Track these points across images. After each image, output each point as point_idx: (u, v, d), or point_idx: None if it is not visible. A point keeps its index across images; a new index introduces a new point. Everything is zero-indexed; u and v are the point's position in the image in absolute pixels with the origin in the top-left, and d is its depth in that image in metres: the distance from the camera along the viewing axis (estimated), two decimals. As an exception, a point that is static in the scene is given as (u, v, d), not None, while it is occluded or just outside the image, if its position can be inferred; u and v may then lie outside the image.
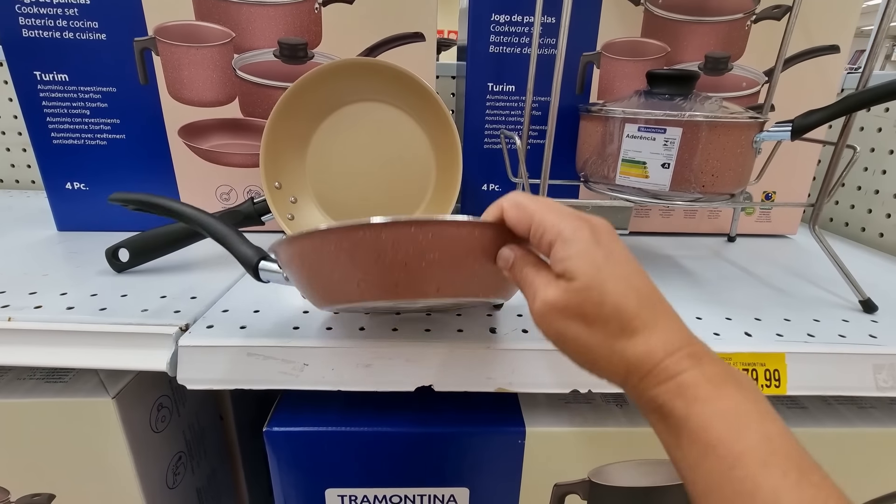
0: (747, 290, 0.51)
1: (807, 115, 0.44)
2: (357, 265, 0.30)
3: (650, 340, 0.25)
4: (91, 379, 0.46)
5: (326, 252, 0.30)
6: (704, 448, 0.23)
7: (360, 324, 0.41)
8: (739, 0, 0.59)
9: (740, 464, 0.22)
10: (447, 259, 0.29)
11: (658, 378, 0.25)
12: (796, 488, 0.21)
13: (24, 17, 0.53)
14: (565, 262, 0.26)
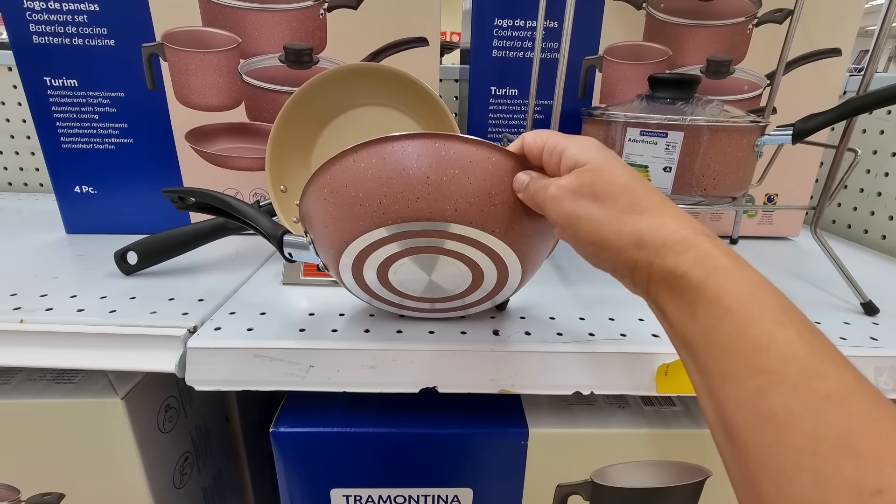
0: (749, 293, 0.51)
1: (808, 119, 0.44)
2: (381, 179, 0.31)
3: (662, 216, 0.26)
4: (100, 380, 0.46)
5: (352, 170, 0.32)
6: (721, 313, 0.23)
7: (364, 326, 0.42)
8: (741, 4, 0.60)
9: (757, 322, 0.22)
10: (466, 177, 0.31)
11: (674, 249, 0.25)
12: (809, 345, 0.21)
13: (34, 23, 0.54)
14: (576, 156, 0.28)
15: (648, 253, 0.26)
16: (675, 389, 0.39)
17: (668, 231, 0.25)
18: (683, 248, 0.25)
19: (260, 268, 0.55)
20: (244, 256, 0.58)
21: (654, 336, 0.42)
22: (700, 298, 0.24)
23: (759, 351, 0.21)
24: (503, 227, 0.33)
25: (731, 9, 0.60)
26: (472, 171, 0.31)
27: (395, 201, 0.31)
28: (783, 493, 0.19)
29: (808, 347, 0.21)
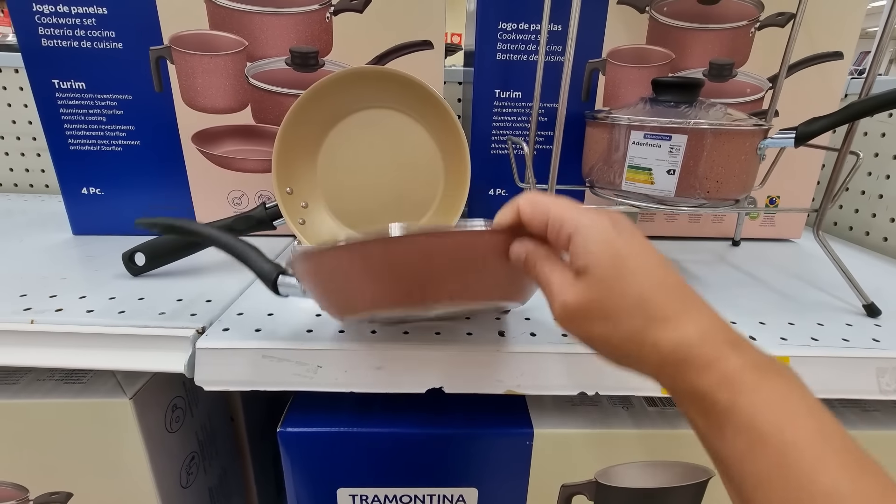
0: (752, 295, 0.52)
1: (810, 122, 0.45)
2: (371, 277, 0.31)
3: (681, 328, 0.23)
4: (108, 380, 0.47)
5: (341, 265, 0.31)
6: (753, 440, 0.21)
7: (371, 327, 0.42)
8: (743, 7, 0.60)
9: (794, 456, 0.20)
10: (459, 268, 0.30)
11: (695, 366, 0.23)
12: (854, 480, 0.19)
13: (43, 26, 0.54)
14: (585, 256, 0.25)
15: (670, 369, 0.24)
16: (679, 390, 0.40)
17: (689, 345, 0.23)
18: (706, 366, 0.23)
19: (266, 269, 0.55)
20: (250, 258, 0.58)
21: (658, 337, 0.42)
22: (728, 421, 0.22)
23: (801, 491, 0.20)
24: (504, 292, 0.33)
25: (733, 12, 0.60)
26: (464, 260, 0.30)
27: (387, 296, 0.31)
28: None
29: (852, 484, 0.19)
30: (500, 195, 0.66)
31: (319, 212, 0.58)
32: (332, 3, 0.56)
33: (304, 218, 0.57)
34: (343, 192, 0.58)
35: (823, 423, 0.21)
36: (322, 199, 0.58)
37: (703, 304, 0.25)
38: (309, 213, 0.57)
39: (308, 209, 0.57)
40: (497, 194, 0.66)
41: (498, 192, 0.66)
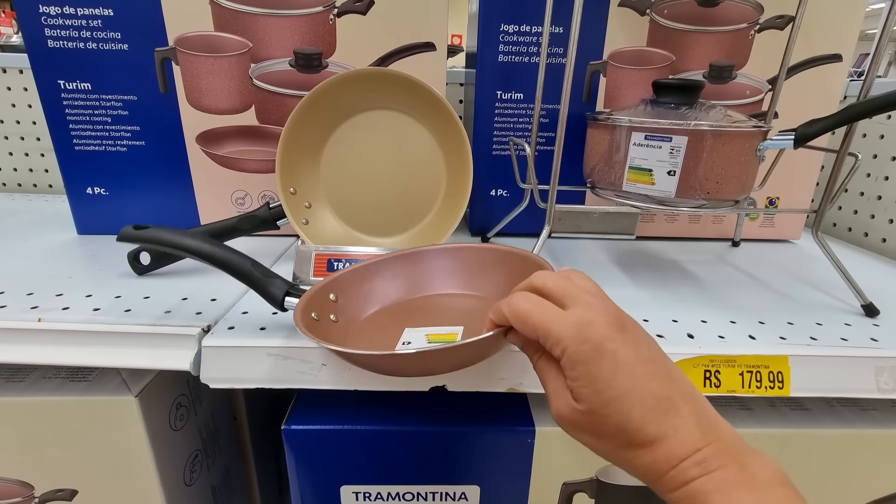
0: (751, 295, 0.52)
1: (809, 124, 0.45)
2: (380, 370, 0.37)
3: (655, 453, 0.25)
4: (114, 378, 0.47)
5: (352, 359, 0.36)
6: None
7: (375, 326, 0.43)
8: (743, 10, 0.60)
9: None
10: (462, 361, 0.36)
11: (667, 486, 0.25)
12: None
13: (49, 28, 0.55)
14: (573, 380, 0.27)
15: (649, 482, 0.26)
16: (680, 389, 0.40)
17: (661, 470, 0.25)
18: (674, 486, 0.25)
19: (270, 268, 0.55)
20: (254, 257, 0.58)
21: (658, 336, 0.43)
22: None
23: None
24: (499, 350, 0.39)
25: (733, 15, 0.61)
26: (466, 357, 0.35)
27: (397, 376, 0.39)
28: None
29: None
30: (501, 195, 0.67)
31: (322, 212, 0.58)
32: (336, 5, 0.56)
33: (307, 218, 0.57)
34: (346, 193, 0.58)
35: None
36: (325, 199, 0.58)
37: (687, 414, 0.26)
38: (312, 212, 0.58)
39: (311, 209, 0.58)
40: (499, 195, 0.67)
41: (500, 192, 0.67)
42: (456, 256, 0.47)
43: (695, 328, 0.44)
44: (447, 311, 0.44)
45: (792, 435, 0.45)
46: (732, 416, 0.46)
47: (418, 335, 0.40)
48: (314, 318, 0.39)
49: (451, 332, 0.40)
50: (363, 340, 0.41)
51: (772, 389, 0.41)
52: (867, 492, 0.48)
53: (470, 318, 0.42)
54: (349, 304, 0.43)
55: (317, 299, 0.40)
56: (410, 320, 0.42)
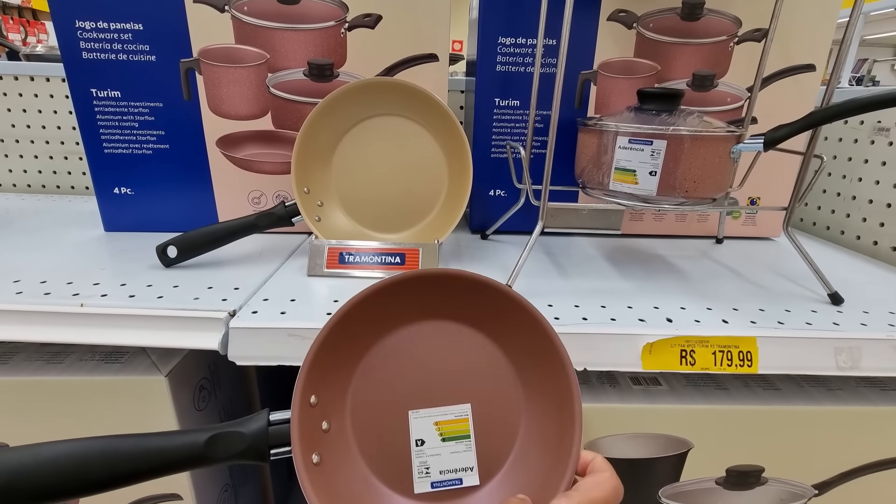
0: (729, 286, 0.57)
1: (777, 129, 0.50)
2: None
3: None
4: (144, 361, 0.52)
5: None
6: None
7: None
8: (723, 24, 0.65)
9: None
10: None
11: None
12: None
13: (84, 41, 0.60)
14: None
15: None
16: (658, 366, 0.45)
17: None
18: None
19: (285, 262, 0.60)
20: (269, 252, 0.63)
21: (640, 321, 0.47)
22: None
23: None
24: None
25: (714, 28, 0.65)
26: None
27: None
28: None
29: None
30: (499, 195, 0.72)
31: (334, 209, 0.63)
32: (347, 20, 0.61)
33: (319, 215, 0.62)
34: (355, 192, 0.63)
35: None
36: (336, 197, 0.63)
37: None
38: (324, 210, 0.62)
39: (323, 207, 0.62)
40: (497, 195, 0.72)
41: (498, 192, 0.71)
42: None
43: (674, 314, 0.49)
44: (444, 380, 0.38)
45: (764, 411, 0.49)
46: (709, 395, 0.50)
47: (427, 427, 0.37)
48: (316, 463, 0.34)
49: (462, 418, 0.37)
50: (372, 445, 0.36)
51: (741, 367, 0.45)
52: (834, 465, 0.52)
53: (469, 384, 0.38)
54: (334, 402, 0.37)
55: (308, 434, 0.34)
56: (408, 400, 0.37)
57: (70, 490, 0.28)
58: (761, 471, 0.52)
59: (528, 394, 0.37)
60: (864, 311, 0.51)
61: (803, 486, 0.53)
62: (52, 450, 0.28)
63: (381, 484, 0.36)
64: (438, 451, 0.36)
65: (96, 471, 0.29)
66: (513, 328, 0.37)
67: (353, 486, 0.35)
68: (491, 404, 0.37)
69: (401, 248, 0.57)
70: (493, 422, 0.37)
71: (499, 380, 0.37)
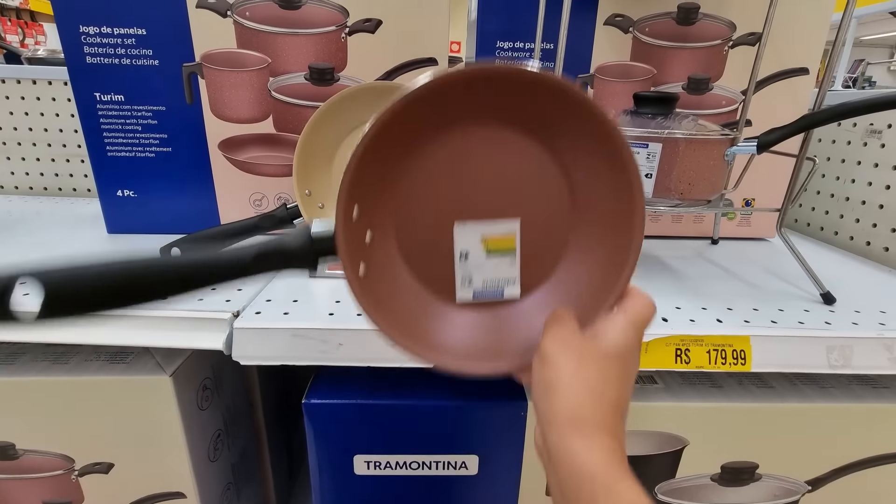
0: (724, 285, 0.58)
1: (769, 132, 0.51)
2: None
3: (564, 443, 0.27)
4: (149, 361, 0.52)
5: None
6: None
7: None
8: (718, 28, 0.66)
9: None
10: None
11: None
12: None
13: (88, 45, 0.61)
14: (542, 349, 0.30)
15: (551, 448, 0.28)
16: (654, 364, 0.46)
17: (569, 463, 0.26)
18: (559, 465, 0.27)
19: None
20: (271, 254, 0.64)
21: (636, 320, 0.48)
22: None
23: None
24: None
25: (709, 33, 0.67)
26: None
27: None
28: None
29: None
30: (498, 197, 0.72)
31: (333, 212, 0.64)
32: (347, 25, 0.62)
33: (320, 217, 0.63)
34: (356, 194, 0.64)
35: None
36: (336, 200, 0.64)
37: (599, 440, 0.26)
38: (325, 213, 0.63)
39: (324, 209, 0.63)
40: (495, 197, 0.72)
41: (496, 194, 0.72)
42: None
43: (669, 313, 0.50)
44: (493, 192, 0.35)
45: (758, 409, 0.50)
46: (704, 393, 0.51)
47: (473, 240, 0.35)
48: (363, 274, 0.33)
49: (509, 233, 0.35)
50: (415, 255, 0.35)
51: (735, 365, 0.46)
52: (826, 462, 0.53)
53: (519, 198, 0.35)
54: (377, 213, 0.34)
55: (354, 247, 0.32)
56: (454, 211, 0.35)
57: (125, 297, 0.30)
58: (755, 467, 0.53)
59: (582, 212, 0.34)
60: (855, 311, 0.52)
61: (797, 483, 0.54)
62: (109, 264, 0.29)
63: (425, 292, 0.36)
64: (482, 264, 0.35)
65: (150, 280, 0.31)
66: (573, 135, 0.32)
67: (398, 295, 0.35)
68: (539, 220, 0.35)
69: (401, 250, 0.58)
70: (540, 238, 0.35)
71: (551, 195, 0.34)
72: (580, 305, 0.33)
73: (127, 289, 0.30)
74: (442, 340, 0.35)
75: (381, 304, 0.33)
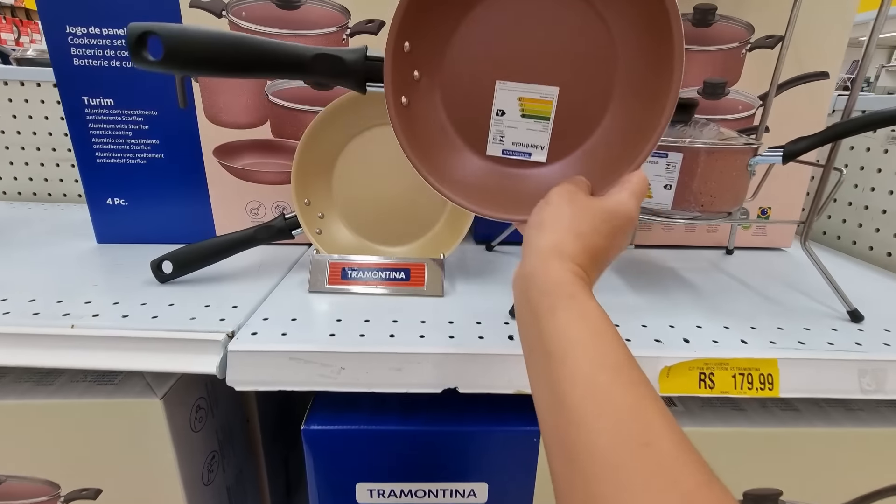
0: (744, 301, 0.55)
1: (796, 141, 0.48)
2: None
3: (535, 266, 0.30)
4: (138, 382, 0.49)
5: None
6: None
7: (389, 331, 0.45)
8: (735, 30, 0.64)
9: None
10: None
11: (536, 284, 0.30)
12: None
13: (75, 47, 0.57)
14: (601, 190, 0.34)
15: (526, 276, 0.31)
16: (677, 390, 0.43)
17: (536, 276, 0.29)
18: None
19: (285, 276, 0.58)
20: (268, 265, 0.61)
21: (656, 341, 0.45)
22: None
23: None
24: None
25: (726, 35, 0.64)
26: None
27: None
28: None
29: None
30: (505, 206, 0.70)
31: (335, 221, 0.61)
32: (349, 25, 0.59)
33: (320, 228, 0.60)
34: (357, 204, 0.61)
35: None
36: (337, 209, 0.61)
37: (574, 266, 0.29)
38: (325, 223, 0.60)
39: (324, 220, 0.60)
40: (502, 205, 0.70)
41: (503, 203, 0.69)
42: None
43: (690, 333, 0.47)
44: (539, 56, 0.36)
45: (782, 434, 0.48)
46: (726, 416, 0.48)
47: (511, 100, 0.37)
48: (404, 104, 0.37)
49: (547, 99, 0.37)
50: (456, 102, 0.38)
51: (762, 391, 0.43)
52: (854, 488, 0.50)
53: (563, 66, 0.36)
54: (427, 54, 0.37)
55: (399, 78, 0.37)
56: (499, 69, 0.37)
57: (217, 64, 0.37)
58: (779, 494, 0.50)
59: (620, 87, 0.36)
60: (885, 330, 0.49)
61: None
62: (212, 34, 0.37)
63: (457, 138, 0.39)
64: (515, 125, 0.37)
65: (231, 53, 0.37)
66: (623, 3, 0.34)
67: (433, 133, 0.38)
68: (580, 91, 0.36)
69: (405, 264, 0.55)
70: (576, 108, 0.36)
71: (595, 68, 0.35)
72: (595, 177, 0.35)
73: (224, 55, 0.37)
74: (462, 179, 0.38)
75: (414, 135, 0.37)
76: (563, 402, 0.23)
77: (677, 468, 0.20)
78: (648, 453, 0.20)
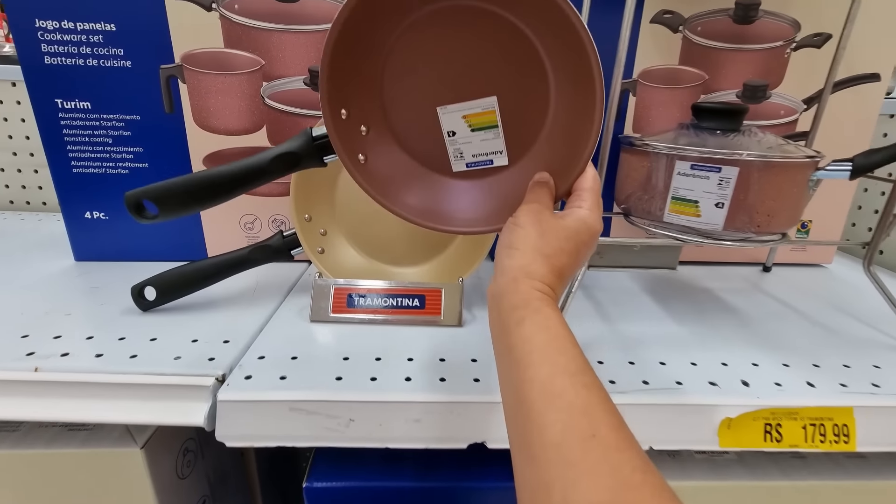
0: (797, 331, 0.49)
1: (868, 154, 0.42)
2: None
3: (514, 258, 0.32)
4: (116, 427, 0.43)
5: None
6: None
7: (405, 374, 0.39)
8: (779, 28, 0.58)
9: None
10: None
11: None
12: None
13: (46, 43, 0.51)
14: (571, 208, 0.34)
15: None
16: (739, 444, 0.37)
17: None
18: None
19: (283, 301, 0.52)
20: (264, 287, 0.55)
21: (711, 384, 0.39)
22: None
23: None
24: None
25: (769, 33, 0.58)
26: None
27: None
28: None
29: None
30: (524, 219, 0.63)
31: (339, 239, 0.55)
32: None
33: (322, 247, 0.53)
34: (363, 220, 0.55)
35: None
36: (341, 226, 0.55)
37: (541, 285, 0.30)
38: (328, 240, 0.54)
39: (327, 237, 0.54)
40: (521, 218, 0.63)
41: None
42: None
43: (747, 373, 0.41)
44: (470, 72, 0.36)
45: (851, 487, 0.42)
46: (786, 467, 0.43)
47: (456, 120, 0.38)
48: (363, 161, 0.38)
49: (488, 110, 0.37)
50: (410, 138, 0.39)
51: (836, 444, 0.38)
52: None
53: (495, 75, 0.36)
54: (366, 108, 0.38)
55: (348, 142, 0.38)
56: (436, 96, 0.37)
57: (199, 198, 0.42)
58: (843, 551, 0.44)
59: (557, 81, 0.36)
60: (963, 367, 0.43)
61: (890, 568, 0.46)
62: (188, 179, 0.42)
63: (422, 168, 0.40)
64: (469, 140, 0.38)
65: (209, 186, 0.42)
66: (536, 15, 0.34)
67: (399, 174, 0.40)
68: (518, 93, 0.37)
69: (419, 289, 0.49)
70: (520, 109, 0.37)
71: (525, 67, 0.36)
72: (561, 160, 0.36)
73: (204, 191, 0.41)
74: (447, 209, 0.39)
75: (384, 185, 0.39)
76: (523, 402, 0.25)
77: (618, 456, 0.22)
78: (593, 444, 0.22)
